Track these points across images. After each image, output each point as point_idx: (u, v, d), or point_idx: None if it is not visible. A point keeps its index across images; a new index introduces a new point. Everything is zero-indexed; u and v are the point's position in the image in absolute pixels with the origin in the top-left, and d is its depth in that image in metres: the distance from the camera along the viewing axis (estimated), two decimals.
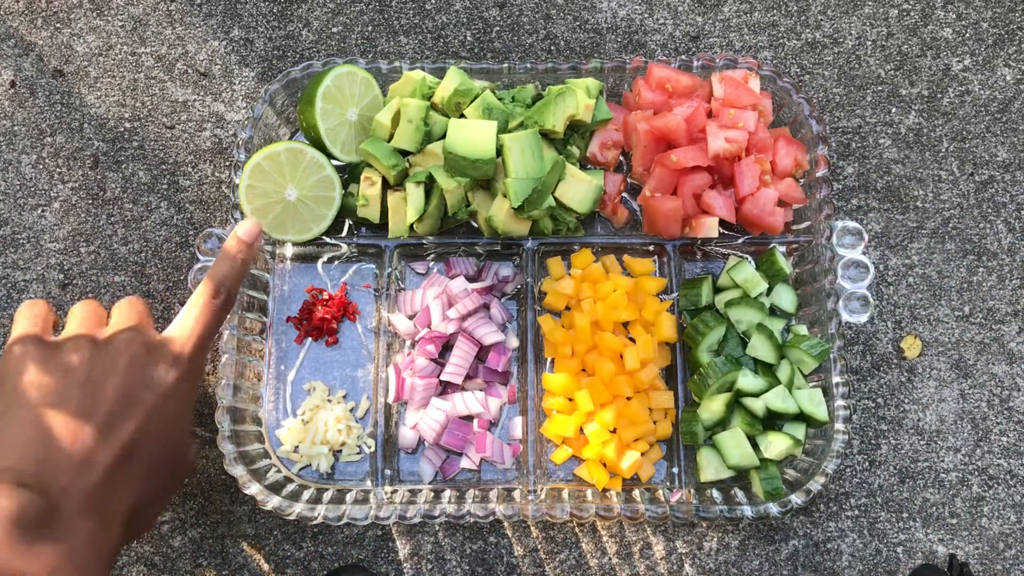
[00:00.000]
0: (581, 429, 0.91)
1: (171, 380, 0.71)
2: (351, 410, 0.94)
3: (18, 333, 0.72)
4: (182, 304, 0.99)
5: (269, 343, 0.96)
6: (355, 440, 0.93)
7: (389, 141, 0.93)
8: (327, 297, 0.96)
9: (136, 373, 0.70)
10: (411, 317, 0.96)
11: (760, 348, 0.90)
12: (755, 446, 0.88)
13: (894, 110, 1.06)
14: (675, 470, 0.92)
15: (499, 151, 0.88)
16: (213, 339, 0.78)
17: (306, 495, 0.88)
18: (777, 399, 0.87)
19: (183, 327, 0.75)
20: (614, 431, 0.90)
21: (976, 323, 0.99)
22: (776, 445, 0.86)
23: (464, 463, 0.91)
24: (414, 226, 0.93)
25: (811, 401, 0.87)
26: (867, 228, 1.02)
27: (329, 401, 0.94)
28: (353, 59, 0.95)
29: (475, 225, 0.98)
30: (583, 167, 0.98)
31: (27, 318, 0.73)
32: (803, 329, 0.92)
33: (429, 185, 0.92)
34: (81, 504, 0.64)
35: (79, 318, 0.74)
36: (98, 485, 0.65)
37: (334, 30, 1.08)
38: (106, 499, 0.66)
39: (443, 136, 0.92)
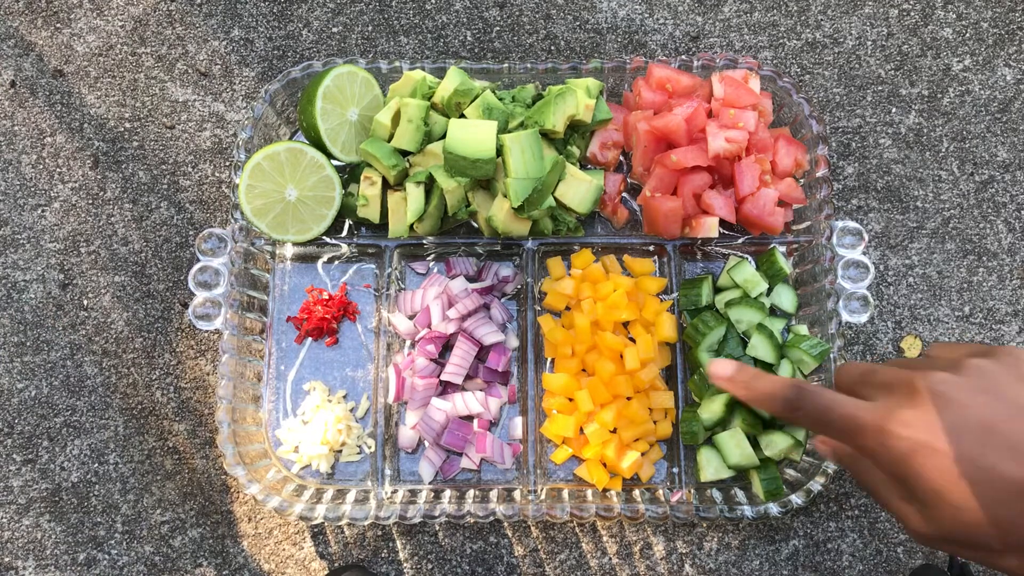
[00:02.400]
0: (581, 429, 0.91)
1: None
2: (351, 410, 0.94)
3: None
4: (183, 304, 0.99)
5: (269, 343, 0.96)
6: (355, 440, 0.93)
7: (389, 141, 0.93)
8: (327, 297, 0.96)
9: None
10: (411, 317, 0.96)
11: (760, 348, 0.90)
12: (755, 446, 0.88)
13: (894, 110, 1.06)
14: (675, 470, 0.92)
15: (499, 151, 0.88)
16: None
17: (306, 495, 0.88)
18: None
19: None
20: (614, 431, 0.90)
21: (976, 323, 0.99)
22: (777, 443, 0.86)
23: (464, 463, 0.91)
24: (414, 226, 0.93)
25: None
26: (867, 228, 1.02)
27: (329, 401, 0.94)
28: (353, 59, 0.95)
29: (475, 225, 0.98)
30: (583, 167, 0.98)
31: None
32: (803, 329, 0.92)
33: (429, 185, 0.92)
34: None
35: None
36: None
37: (334, 30, 1.08)
38: None
39: (443, 136, 0.92)
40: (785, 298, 0.95)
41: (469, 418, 0.93)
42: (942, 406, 0.54)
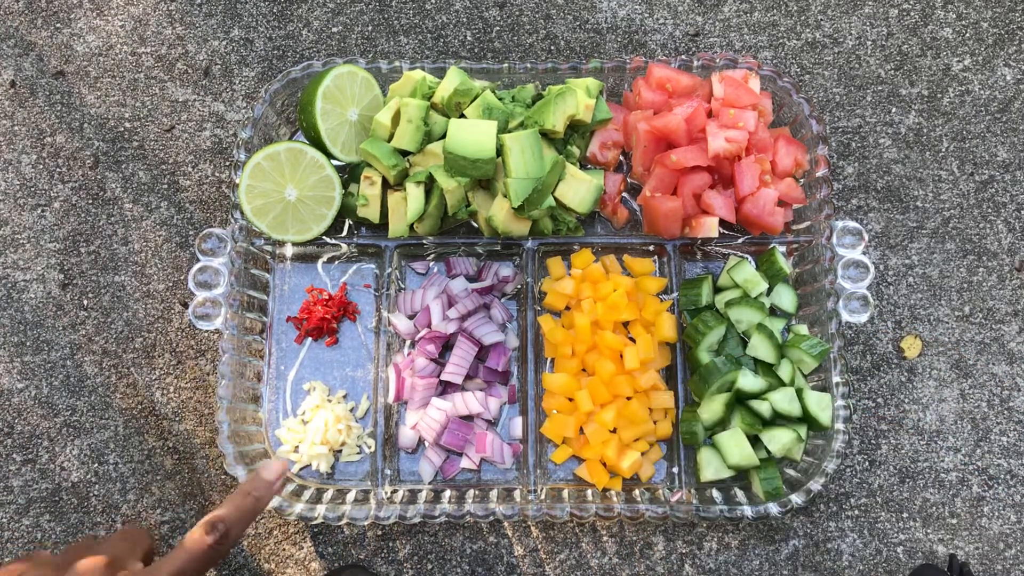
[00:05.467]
0: (581, 429, 0.91)
1: None
2: (351, 410, 0.94)
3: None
4: (183, 304, 0.99)
5: (269, 343, 0.96)
6: (355, 440, 0.93)
7: (389, 141, 0.93)
8: (327, 297, 0.96)
9: None
10: (411, 317, 0.96)
11: (760, 348, 0.90)
12: (755, 446, 0.88)
13: (894, 110, 1.06)
14: (675, 470, 0.92)
15: (499, 151, 0.88)
16: None
17: (306, 495, 0.88)
18: (784, 401, 0.87)
19: (159, 563, 0.68)
20: (614, 431, 0.90)
21: (976, 323, 0.99)
22: (779, 438, 0.86)
23: (464, 463, 0.91)
24: (414, 226, 0.93)
25: (819, 405, 0.87)
26: (867, 228, 1.02)
27: (329, 401, 0.94)
28: (353, 59, 0.95)
29: (475, 225, 0.98)
30: (583, 167, 0.98)
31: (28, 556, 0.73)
32: (803, 329, 0.92)
33: (429, 185, 0.92)
34: None
35: (71, 548, 0.72)
36: None
37: (334, 30, 1.08)
38: None
39: (443, 136, 0.92)
40: (785, 298, 0.95)
41: (469, 418, 0.93)
42: None
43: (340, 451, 0.92)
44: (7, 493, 0.94)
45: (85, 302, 0.99)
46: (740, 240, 0.97)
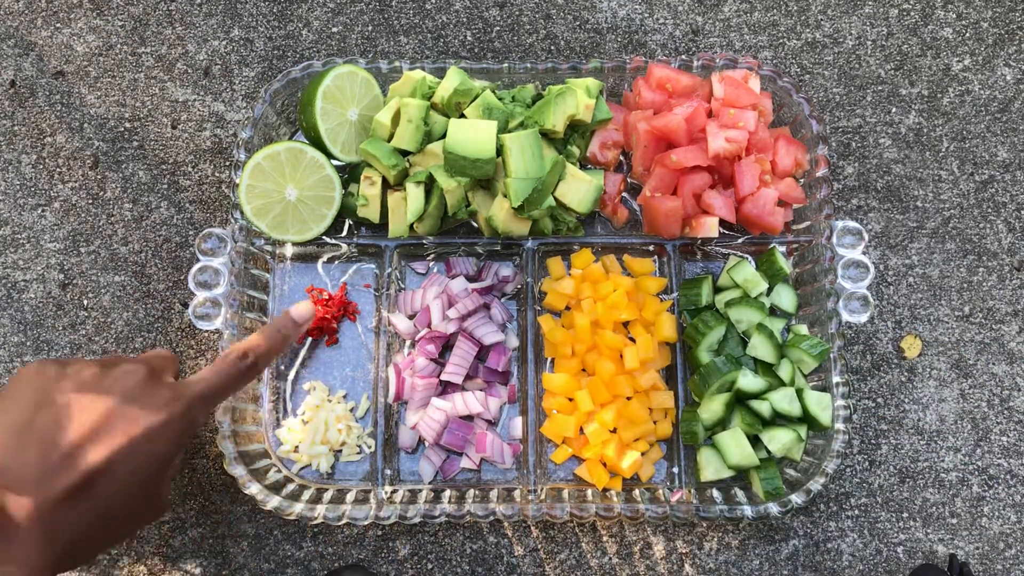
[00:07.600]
0: (581, 429, 0.91)
1: (158, 421, 0.70)
2: (351, 410, 0.94)
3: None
4: (183, 304, 0.99)
5: None
6: (355, 440, 0.93)
7: (389, 141, 0.93)
8: (327, 297, 0.96)
9: (122, 405, 0.69)
10: (411, 317, 0.96)
11: (760, 348, 0.90)
12: (755, 446, 0.88)
13: (894, 110, 1.06)
14: (675, 470, 0.92)
15: (499, 151, 0.88)
16: (225, 398, 0.77)
17: (306, 495, 0.88)
18: (784, 401, 0.87)
19: (194, 377, 0.75)
20: (614, 431, 0.90)
21: (976, 323, 0.99)
22: (779, 438, 0.86)
23: (464, 463, 0.91)
24: (414, 226, 0.93)
25: (819, 405, 0.87)
26: (867, 228, 1.02)
27: (329, 401, 0.94)
28: (353, 59, 0.95)
29: (475, 225, 0.98)
30: (583, 167, 0.98)
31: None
32: (803, 329, 0.92)
33: (429, 185, 0.92)
34: (30, 516, 0.64)
35: (109, 357, 0.76)
36: (52, 503, 0.65)
37: (334, 30, 1.08)
38: (55, 519, 0.66)
39: (443, 136, 0.92)
40: (785, 298, 0.95)
41: (469, 418, 0.93)
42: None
43: (340, 451, 0.92)
44: None
45: (85, 302, 0.99)
46: (740, 240, 0.97)
